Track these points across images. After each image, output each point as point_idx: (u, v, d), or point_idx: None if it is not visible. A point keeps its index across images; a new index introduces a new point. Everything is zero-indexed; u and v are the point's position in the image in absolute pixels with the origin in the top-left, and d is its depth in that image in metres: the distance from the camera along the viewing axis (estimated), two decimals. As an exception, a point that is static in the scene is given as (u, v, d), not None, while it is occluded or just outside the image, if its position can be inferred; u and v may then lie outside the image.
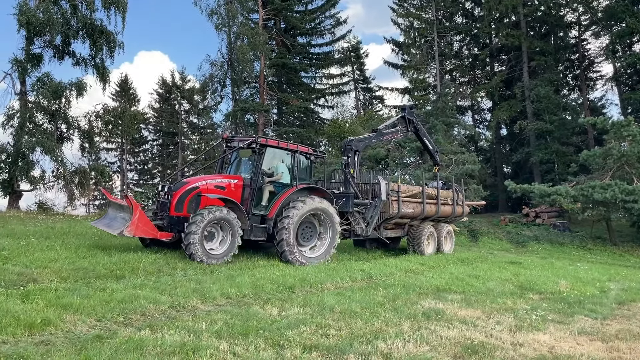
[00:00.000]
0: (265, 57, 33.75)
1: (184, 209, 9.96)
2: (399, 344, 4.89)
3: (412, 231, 14.98)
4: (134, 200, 9.43)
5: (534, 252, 20.43)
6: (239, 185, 10.93)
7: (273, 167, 11.65)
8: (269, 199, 11.29)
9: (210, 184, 10.44)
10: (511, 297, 8.50)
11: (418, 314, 6.50)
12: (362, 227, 13.05)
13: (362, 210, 13.40)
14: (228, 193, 10.58)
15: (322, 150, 13.48)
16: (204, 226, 9.43)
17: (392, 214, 13.76)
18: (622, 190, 19.48)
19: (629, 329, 6.84)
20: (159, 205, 10.60)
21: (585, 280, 11.17)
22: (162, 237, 9.77)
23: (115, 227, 9.63)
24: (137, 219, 9.05)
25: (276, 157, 11.73)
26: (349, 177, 13.26)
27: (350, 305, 6.43)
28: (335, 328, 5.28)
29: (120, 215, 10.17)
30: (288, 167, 11.79)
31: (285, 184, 11.60)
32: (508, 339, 5.78)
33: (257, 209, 11.05)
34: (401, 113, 15.91)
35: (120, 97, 56.28)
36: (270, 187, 11.35)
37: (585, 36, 37.05)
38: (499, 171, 39.56)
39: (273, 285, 7.36)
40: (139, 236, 9.61)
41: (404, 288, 8.42)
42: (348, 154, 13.44)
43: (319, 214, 11.64)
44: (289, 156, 11.88)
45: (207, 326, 4.85)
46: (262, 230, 10.90)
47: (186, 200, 10.00)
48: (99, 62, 24.03)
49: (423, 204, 14.85)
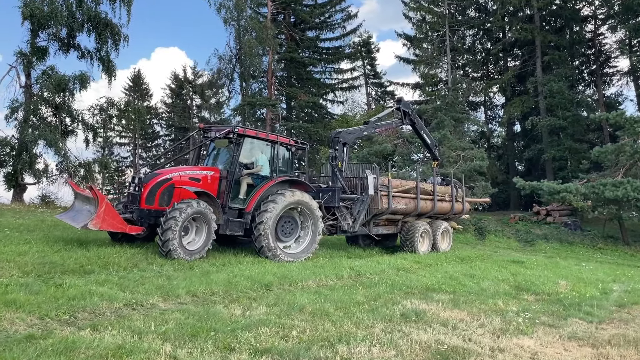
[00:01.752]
0: (273, 52, 33.47)
1: (156, 202, 9.49)
2: (362, 348, 4.54)
3: (405, 228, 14.34)
4: (99, 192, 8.97)
5: (541, 251, 19.85)
6: (216, 177, 10.45)
7: (255, 159, 11.14)
8: (247, 192, 10.75)
9: (184, 176, 9.95)
10: (504, 298, 8.09)
11: (396, 315, 6.14)
12: (348, 222, 12.57)
13: (350, 205, 12.86)
14: (203, 185, 10.10)
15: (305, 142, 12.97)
16: (183, 222, 8.95)
17: (381, 209, 13.11)
18: (635, 188, 18.81)
19: (625, 333, 6.39)
20: (129, 198, 10.07)
21: (587, 280, 10.67)
22: (131, 231, 9.25)
23: (80, 220, 9.10)
24: (103, 212, 8.53)
25: (255, 148, 11.21)
26: (337, 170, 12.76)
27: (323, 305, 6.09)
28: (298, 330, 4.96)
29: (86, 207, 9.60)
30: (268, 158, 11.26)
31: (264, 176, 11.06)
32: (488, 343, 5.39)
33: (234, 202, 10.52)
34: (396, 105, 15.37)
35: (133, 92, 56.71)
36: (248, 180, 10.81)
37: (602, 30, 36.14)
38: (511, 168, 38.79)
39: (248, 282, 7.05)
40: (106, 230, 9.08)
41: (390, 287, 8.05)
42: (336, 147, 12.96)
43: (300, 208, 11.16)
44: (269, 147, 11.34)
45: (156, 326, 4.55)
46: (239, 225, 10.37)
47: (158, 193, 9.51)
48: (104, 55, 23.93)
49: (417, 200, 14.17)
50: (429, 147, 16.96)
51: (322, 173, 15.16)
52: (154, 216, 9.40)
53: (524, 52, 35.77)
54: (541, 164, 34.09)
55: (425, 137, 16.62)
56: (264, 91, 35.61)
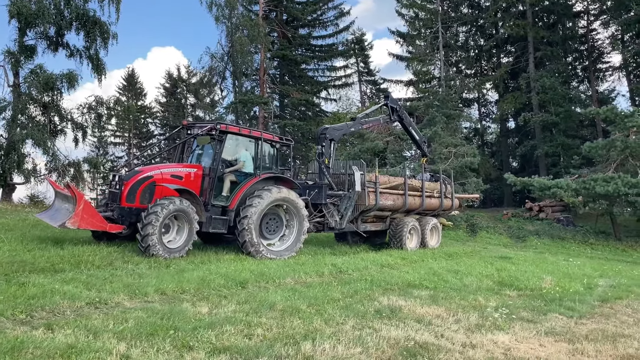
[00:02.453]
0: (265, 49, 33.32)
1: (137, 200, 9.41)
2: (327, 346, 4.43)
3: (393, 224, 14.26)
4: (77, 190, 8.83)
5: (532, 247, 19.78)
6: (199, 175, 10.35)
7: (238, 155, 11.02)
8: (230, 189, 10.63)
9: (165, 173, 9.84)
10: (486, 294, 8.00)
11: (370, 311, 6.04)
12: (336, 219, 12.46)
13: (337, 202, 12.78)
14: (186, 183, 9.99)
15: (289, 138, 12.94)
16: (164, 218, 8.86)
17: (369, 206, 13.00)
18: (626, 183, 18.74)
19: (604, 329, 6.31)
20: (109, 196, 9.96)
21: (573, 276, 10.60)
22: (112, 230, 9.11)
23: (58, 218, 8.98)
24: (82, 210, 8.38)
25: (238, 145, 11.08)
26: (324, 167, 12.67)
27: (296, 302, 5.98)
28: (264, 327, 4.84)
29: (65, 206, 9.47)
30: (252, 155, 11.11)
31: (248, 173, 10.92)
32: (461, 339, 5.29)
33: (217, 199, 10.41)
34: (384, 101, 15.31)
35: (127, 91, 56.49)
36: (231, 177, 10.69)
37: (594, 26, 36.05)
38: (505, 165, 38.73)
39: (223, 280, 6.93)
40: (85, 228, 8.92)
41: (369, 283, 7.95)
42: (322, 143, 12.87)
43: (284, 205, 11.05)
44: (252, 144, 11.20)
45: (114, 325, 4.43)
46: (222, 222, 10.26)
47: (139, 191, 9.43)
48: (94, 53, 23.75)
49: (405, 196, 14.11)
50: (418, 143, 16.95)
51: (309, 170, 15.10)
52: (135, 214, 9.26)
53: (517, 49, 35.66)
54: (534, 160, 34.02)
55: (414, 134, 16.60)
56: (256, 89, 35.46)
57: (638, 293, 9.06)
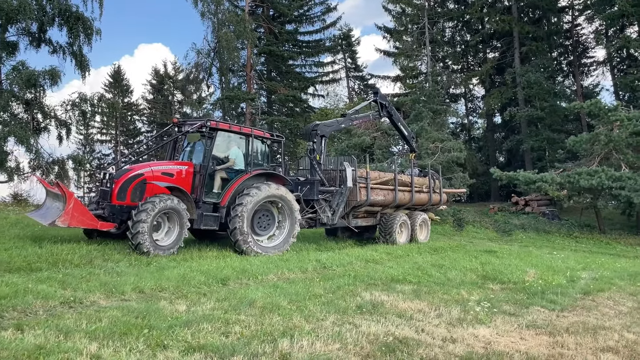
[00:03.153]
0: (251, 45, 33.09)
1: (127, 198, 9.39)
2: (305, 342, 4.38)
3: (383, 220, 14.33)
4: (66, 188, 8.79)
5: (518, 240, 19.90)
6: (190, 172, 10.35)
7: (230, 152, 11.05)
8: (221, 186, 10.68)
9: (156, 171, 9.84)
10: (469, 288, 7.99)
11: (351, 307, 5.99)
12: (327, 215, 12.55)
13: (328, 197, 12.85)
14: (177, 180, 10.00)
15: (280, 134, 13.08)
16: (155, 215, 8.87)
17: (360, 201, 13.07)
18: (609, 176, 18.93)
19: (585, 321, 6.32)
20: (100, 194, 9.96)
21: (557, 269, 10.64)
22: (103, 228, 9.12)
23: (49, 217, 8.96)
24: (72, 208, 8.40)
25: (229, 142, 11.11)
26: (315, 163, 12.75)
27: (277, 299, 5.92)
28: (242, 325, 4.77)
29: (56, 205, 9.46)
30: (242, 152, 11.14)
31: (239, 170, 10.94)
32: (441, 334, 5.27)
33: (208, 196, 10.44)
34: (373, 97, 15.37)
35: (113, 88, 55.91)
36: (222, 174, 10.73)
37: (579, 21, 36.35)
38: (492, 159, 38.93)
39: (204, 277, 6.84)
40: (76, 227, 8.90)
41: (353, 279, 7.91)
42: (313, 139, 12.93)
43: (276, 202, 11.06)
44: (243, 140, 11.24)
45: (87, 324, 4.33)
46: (213, 219, 10.31)
47: (129, 188, 9.42)
48: (77, 49, 23.45)
49: (395, 192, 14.18)
50: (406, 139, 17.02)
51: (300, 166, 15.12)
52: (126, 212, 9.26)
53: (503, 44, 35.84)
54: (520, 154, 34.26)
55: (403, 129, 16.68)
56: (243, 85, 35.24)
57: (620, 285, 9.12)
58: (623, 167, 19.68)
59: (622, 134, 19.80)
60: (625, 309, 7.27)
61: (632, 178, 18.68)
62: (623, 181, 18.67)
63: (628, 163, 19.92)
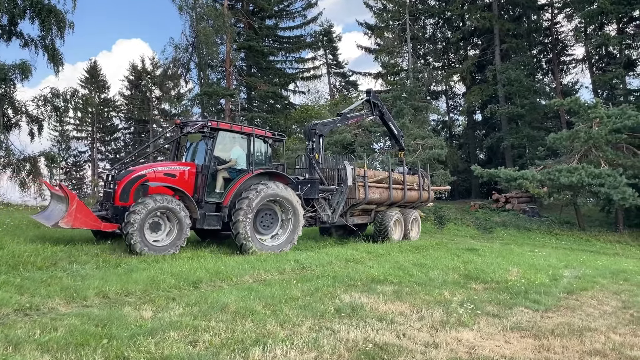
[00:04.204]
0: (230, 40, 32.54)
1: (130, 199, 9.47)
2: (279, 351, 4.08)
3: (379, 217, 14.55)
4: (68, 190, 8.91)
5: (499, 238, 19.85)
6: (192, 173, 10.42)
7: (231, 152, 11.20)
8: (223, 186, 10.75)
9: (158, 172, 9.96)
10: (451, 288, 7.77)
11: (330, 310, 5.71)
12: (328, 213, 12.69)
13: (328, 196, 12.99)
14: (179, 181, 10.11)
15: (282, 133, 13.25)
16: (145, 215, 8.94)
17: (358, 199, 13.27)
18: (589, 174, 18.97)
19: (570, 322, 6.14)
20: (104, 195, 10.14)
21: (539, 267, 10.51)
22: (106, 229, 9.23)
23: (52, 218, 9.07)
24: (75, 210, 8.53)
25: (230, 142, 11.20)
26: (314, 162, 12.83)
27: (251, 303, 5.60)
28: (212, 332, 4.45)
29: (59, 206, 9.59)
30: (244, 151, 11.22)
31: (241, 169, 11.04)
32: (424, 338, 5.02)
33: (211, 196, 10.51)
34: (366, 96, 15.52)
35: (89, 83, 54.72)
36: (224, 174, 10.80)
37: (559, 19, 36.57)
38: (473, 157, 39.04)
39: (175, 280, 6.48)
40: (79, 228, 8.98)
41: (332, 280, 7.63)
42: (313, 139, 13.03)
43: (279, 201, 11.13)
44: (245, 140, 11.27)
45: (41, 334, 3.97)
46: (216, 219, 10.40)
47: (132, 190, 9.53)
48: (49, 43, 22.72)
49: (390, 190, 14.40)
50: (396, 137, 17.16)
51: (296, 165, 15.15)
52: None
53: (483, 41, 35.88)
54: (501, 152, 34.36)
55: (393, 128, 16.81)
56: (223, 81, 34.66)
57: (602, 284, 9.01)
58: (602, 164, 19.75)
59: (601, 131, 19.85)
60: (609, 308, 7.13)
61: (612, 175, 18.74)
62: (602, 178, 18.72)
63: (607, 160, 20.00)
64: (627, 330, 5.99)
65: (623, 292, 8.30)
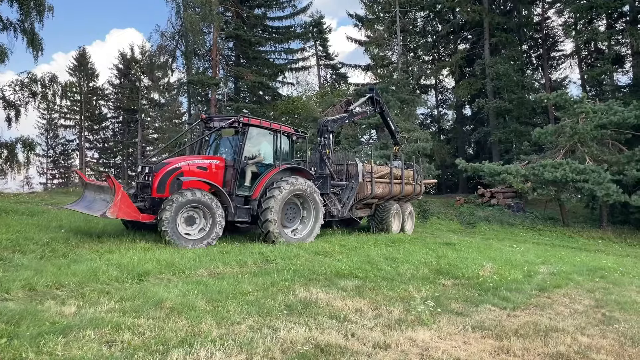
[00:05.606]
0: (217, 29, 31.91)
1: (166, 191, 9.75)
2: (202, 354, 3.69)
3: (379, 210, 15.15)
4: (116, 181, 9.02)
5: (481, 233, 19.56)
6: (221, 166, 10.74)
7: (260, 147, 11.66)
8: (251, 180, 11.11)
9: (192, 165, 10.24)
10: (419, 283, 7.42)
11: (279, 307, 5.32)
12: (338, 208, 13.13)
13: (338, 191, 13.52)
14: (209, 174, 10.41)
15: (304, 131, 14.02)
16: (177, 209, 9.23)
17: (366, 194, 13.96)
18: (573, 169, 18.72)
19: (538, 321, 5.80)
20: (138, 187, 10.38)
21: (515, 263, 10.19)
22: (144, 220, 9.52)
23: (96, 209, 9.30)
24: (120, 201, 8.79)
25: (258, 137, 11.59)
26: (325, 158, 13.15)
27: (193, 299, 5.20)
28: (135, 332, 4.04)
29: (100, 197, 9.84)
30: (271, 147, 11.66)
31: (268, 164, 11.49)
32: (374, 338, 4.64)
33: (240, 189, 10.85)
34: (369, 94, 16.03)
35: (77, 72, 53.90)
36: (253, 168, 11.19)
37: (549, 14, 36.26)
38: (461, 151, 38.75)
39: (118, 272, 6.06)
40: (122, 218, 9.28)
41: (293, 273, 7.25)
42: (324, 135, 13.36)
43: (303, 195, 11.51)
44: (271, 136, 11.69)
45: None
46: (246, 212, 10.72)
47: (168, 182, 9.79)
48: (29, 27, 22.13)
49: (391, 184, 15.04)
50: (393, 133, 17.61)
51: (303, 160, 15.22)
52: None
53: (473, 35, 35.53)
54: (488, 146, 34.10)
55: (391, 124, 17.28)
56: (210, 71, 34.03)
57: (578, 281, 8.70)
58: (587, 160, 19.49)
59: (587, 127, 19.58)
60: (581, 307, 6.81)
61: (596, 171, 18.50)
62: (587, 174, 18.48)
63: (592, 156, 19.74)
64: (596, 331, 5.67)
65: (597, 290, 7.98)
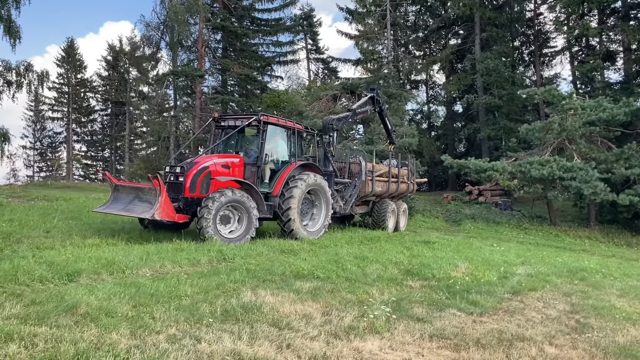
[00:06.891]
0: (203, 20, 31.22)
1: (197, 190, 9.89)
2: (95, 371, 3.16)
3: (376, 208, 15.37)
4: (162, 182, 9.17)
5: (465, 231, 19.07)
6: (240, 164, 10.89)
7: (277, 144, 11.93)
8: (269, 177, 11.36)
9: (217, 164, 10.35)
10: (383, 285, 6.92)
11: (214, 313, 4.79)
12: (340, 205, 13.32)
13: (341, 188, 13.70)
14: (232, 172, 10.56)
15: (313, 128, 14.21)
16: (217, 209, 9.37)
17: (367, 192, 14.25)
18: (561, 167, 18.25)
19: (503, 329, 5.31)
20: (168, 187, 10.14)
21: (492, 263, 9.70)
22: (180, 220, 9.72)
23: (137, 211, 9.45)
24: (163, 201, 8.97)
25: (276, 135, 11.79)
26: (330, 156, 13.32)
27: (117, 303, 4.66)
28: (26, 344, 3.47)
29: (138, 198, 9.82)
30: (286, 144, 11.97)
31: (283, 161, 11.81)
32: (313, 350, 4.13)
33: (262, 186, 11.00)
34: (370, 93, 16.11)
35: (65, 63, 53.08)
36: (271, 165, 11.47)
37: (541, 10, 35.81)
38: (451, 148, 38.26)
39: (47, 271, 5.51)
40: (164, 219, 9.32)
41: (247, 274, 6.72)
42: (330, 133, 13.59)
43: (316, 190, 11.84)
44: (286, 133, 11.98)
45: None
46: (268, 208, 10.89)
47: (198, 181, 9.93)
48: (6, 14, 21.51)
49: (389, 183, 15.34)
50: (388, 131, 17.69)
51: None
52: (196, 204, 9.75)
53: (464, 29, 35.02)
54: (478, 143, 33.65)
55: (388, 123, 17.45)
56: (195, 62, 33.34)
57: (555, 283, 8.22)
58: (575, 157, 19.03)
59: (575, 123, 19.12)
60: (554, 312, 6.32)
61: (584, 169, 18.05)
62: (574, 172, 18.02)
63: (580, 153, 19.29)
64: (566, 340, 5.18)
65: (575, 294, 7.50)
